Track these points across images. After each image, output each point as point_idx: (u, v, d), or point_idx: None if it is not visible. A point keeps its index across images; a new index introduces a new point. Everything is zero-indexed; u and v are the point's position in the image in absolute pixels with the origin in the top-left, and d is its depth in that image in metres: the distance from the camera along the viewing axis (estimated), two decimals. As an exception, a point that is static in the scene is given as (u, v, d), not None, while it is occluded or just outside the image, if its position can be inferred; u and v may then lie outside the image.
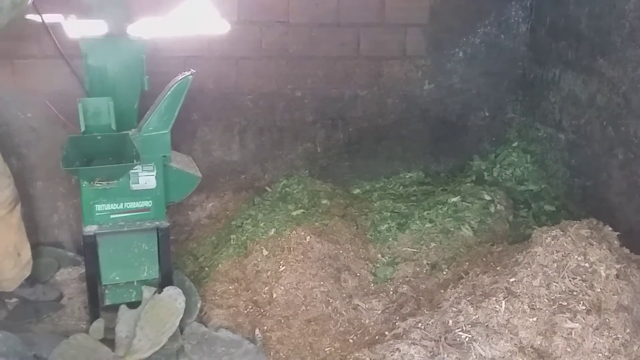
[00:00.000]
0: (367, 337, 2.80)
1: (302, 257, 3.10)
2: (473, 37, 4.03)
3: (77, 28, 3.13)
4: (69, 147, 2.69)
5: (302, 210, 3.52)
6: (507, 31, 4.08)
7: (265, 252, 3.19)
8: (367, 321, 2.93)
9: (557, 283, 2.51)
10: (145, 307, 2.78)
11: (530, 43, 4.09)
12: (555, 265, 2.56)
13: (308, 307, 2.95)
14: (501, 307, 2.47)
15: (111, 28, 2.82)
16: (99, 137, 2.77)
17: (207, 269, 3.32)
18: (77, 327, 2.95)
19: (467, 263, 3.05)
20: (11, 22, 2.59)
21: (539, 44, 4.00)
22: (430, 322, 2.58)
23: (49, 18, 3.15)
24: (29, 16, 3.15)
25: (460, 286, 2.74)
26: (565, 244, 2.61)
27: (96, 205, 2.81)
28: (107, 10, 2.80)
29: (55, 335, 2.81)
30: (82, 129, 2.75)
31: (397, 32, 3.91)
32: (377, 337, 2.73)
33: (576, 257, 2.56)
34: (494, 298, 2.51)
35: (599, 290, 2.48)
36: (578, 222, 2.77)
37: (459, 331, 2.45)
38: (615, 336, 2.33)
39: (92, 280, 2.89)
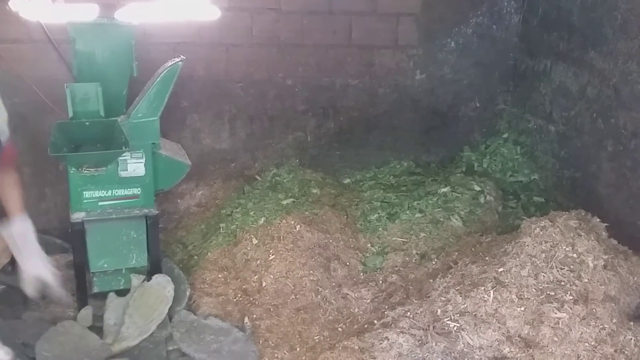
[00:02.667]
0: (356, 326, 2.81)
1: (291, 246, 3.09)
2: (465, 27, 4.03)
3: (65, 12, 3.09)
4: (56, 133, 2.67)
5: (292, 200, 3.51)
6: (499, 22, 4.07)
7: (254, 241, 3.18)
8: (356, 310, 2.94)
9: (545, 273, 2.52)
10: (134, 294, 2.77)
11: (522, 34, 4.09)
12: (543, 255, 2.58)
13: (297, 296, 2.95)
14: (489, 296, 2.49)
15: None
16: (87, 123, 2.75)
17: (196, 257, 3.31)
18: (65, 315, 2.92)
19: (456, 253, 3.06)
20: None
21: (530, 35, 4.00)
22: (419, 311, 2.59)
23: (37, 2, 3.11)
24: (17, 1, 3.11)
25: (449, 276, 2.75)
26: (553, 235, 2.63)
27: (84, 192, 2.78)
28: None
29: (43, 323, 2.79)
30: (70, 114, 2.72)
31: (389, 21, 3.89)
32: (366, 326, 2.73)
33: (564, 247, 2.58)
34: (483, 288, 2.52)
35: (586, 280, 2.50)
36: (567, 213, 2.79)
37: (448, 320, 2.47)
38: (602, 326, 2.35)
39: (80, 268, 2.87)
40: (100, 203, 2.81)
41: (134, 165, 2.82)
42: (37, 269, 2.39)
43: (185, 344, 2.63)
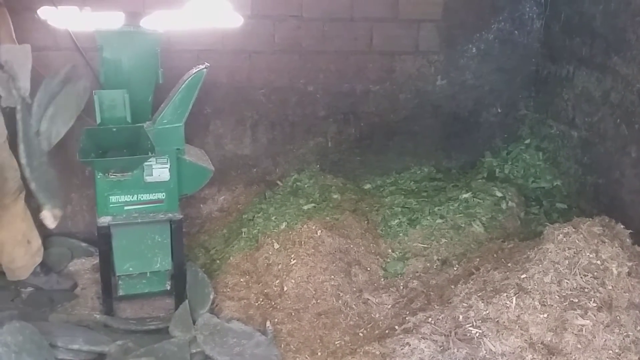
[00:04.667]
0: (377, 331, 2.82)
1: (313, 251, 3.11)
2: (486, 33, 4.02)
3: (92, 20, 3.16)
4: (85, 139, 2.73)
5: (313, 205, 3.53)
6: (521, 27, 4.06)
7: (276, 246, 3.21)
8: (377, 315, 2.95)
9: (568, 280, 2.50)
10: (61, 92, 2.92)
11: (544, 39, 4.07)
12: (566, 262, 2.56)
13: (318, 301, 2.97)
14: (512, 303, 2.47)
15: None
16: (114, 129, 2.80)
17: (218, 261, 3.35)
18: (91, 317, 2.99)
19: (478, 259, 3.05)
20: None
21: (553, 40, 3.98)
22: (440, 317, 2.59)
23: (65, 10, 3.18)
24: (45, 9, 3.18)
25: (471, 282, 2.74)
26: (577, 241, 2.60)
27: (110, 197, 2.84)
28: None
29: (69, 325, 2.85)
30: (98, 121, 2.78)
31: (410, 27, 3.90)
32: (387, 331, 2.74)
33: (588, 254, 2.56)
34: (505, 294, 2.51)
35: (610, 287, 2.47)
36: (590, 219, 2.76)
37: (470, 326, 2.46)
38: (625, 333, 2.33)
39: (106, 271, 2.93)
40: (126, 207, 2.87)
41: (159, 171, 2.87)
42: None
43: (208, 347, 2.66)
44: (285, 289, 3.02)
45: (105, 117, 2.79)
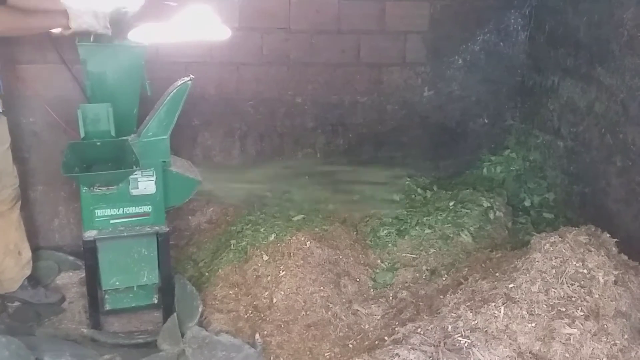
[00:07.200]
0: (366, 342, 2.81)
1: (302, 262, 3.11)
2: (472, 44, 4.07)
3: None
4: (68, 153, 2.70)
5: (302, 216, 3.53)
6: (506, 39, 4.11)
7: (265, 257, 3.20)
8: (366, 326, 2.94)
9: (555, 289, 2.52)
10: None
11: (529, 51, 4.12)
12: (553, 271, 2.57)
13: (308, 312, 2.96)
14: (500, 312, 2.48)
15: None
16: (99, 143, 2.77)
17: (207, 273, 3.33)
18: (78, 331, 2.95)
19: (466, 269, 3.06)
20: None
21: (538, 51, 4.03)
22: (429, 328, 2.58)
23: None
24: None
25: (460, 292, 2.75)
26: (563, 250, 2.62)
27: (96, 211, 2.81)
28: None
29: (56, 339, 2.82)
30: (82, 135, 2.76)
31: (397, 39, 3.94)
32: (376, 342, 2.73)
33: (575, 263, 2.57)
34: (493, 304, 2.52)
35: (597, 296, 2.49)
36: (576, 228, 2.79)
37: (458, 336, 2.46)
38: (613, 342, 2.34)
39: (93, 285, 2.90)
40: (111, 221, 2.84)
41: (145, 184, 2.85)
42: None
43: (197, 360, 2.64)
44: (274, 300, 3.01)
45: (89, 130, 2.75)
